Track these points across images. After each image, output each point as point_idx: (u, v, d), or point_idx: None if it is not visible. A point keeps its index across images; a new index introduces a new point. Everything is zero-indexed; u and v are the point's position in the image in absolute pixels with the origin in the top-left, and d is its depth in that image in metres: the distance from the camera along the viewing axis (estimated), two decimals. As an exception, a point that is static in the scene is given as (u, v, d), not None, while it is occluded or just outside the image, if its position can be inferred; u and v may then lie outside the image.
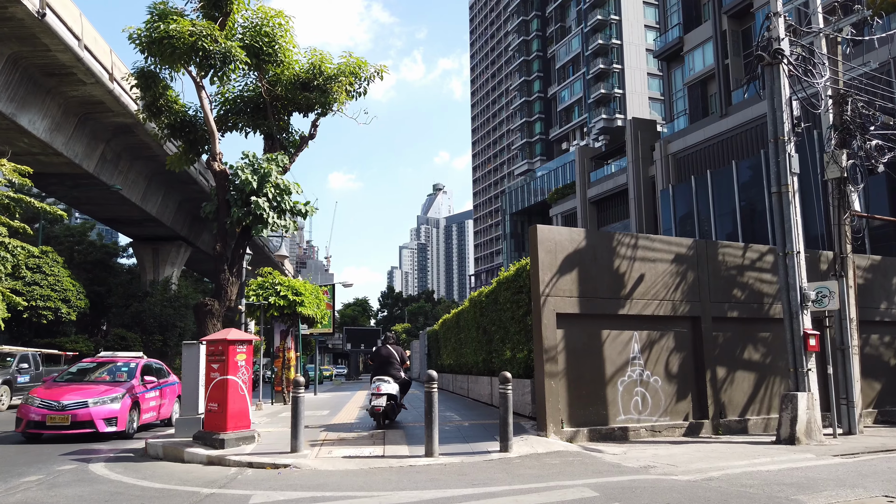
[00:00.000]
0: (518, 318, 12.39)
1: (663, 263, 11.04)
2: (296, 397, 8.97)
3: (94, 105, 28.26)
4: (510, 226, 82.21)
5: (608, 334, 10.44)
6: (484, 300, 15.76)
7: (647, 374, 10.66)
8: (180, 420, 10.37)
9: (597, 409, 10.13)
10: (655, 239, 11.10)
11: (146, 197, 37.71)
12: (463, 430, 10.89)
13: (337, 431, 10.98)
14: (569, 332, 10.10)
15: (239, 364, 9.72)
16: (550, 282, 9.97)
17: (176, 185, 38.09)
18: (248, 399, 9.78)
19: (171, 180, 38.10)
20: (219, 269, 13.09)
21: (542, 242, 10.02)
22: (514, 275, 12.39)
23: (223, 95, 15.30)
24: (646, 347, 10.73)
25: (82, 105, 28.12)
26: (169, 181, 38.40)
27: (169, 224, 41.49)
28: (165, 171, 36.81)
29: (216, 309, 12.78)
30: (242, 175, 12.88)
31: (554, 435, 9.56)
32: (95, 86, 26.46)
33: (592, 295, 10.30)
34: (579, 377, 10.07)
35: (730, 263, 11.71)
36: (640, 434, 10.28)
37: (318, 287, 21.03)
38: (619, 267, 10.63)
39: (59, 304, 28.29)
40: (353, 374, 63.62)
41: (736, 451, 9.08)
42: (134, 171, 35.44)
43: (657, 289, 10.87)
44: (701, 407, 10.99)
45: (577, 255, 10.29)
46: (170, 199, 40.34)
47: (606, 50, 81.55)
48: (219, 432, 9.44)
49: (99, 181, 32.42)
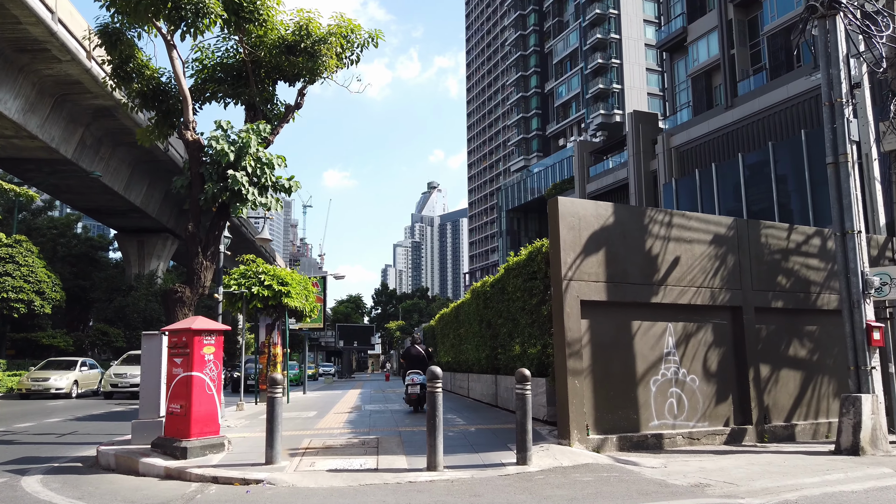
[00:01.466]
0: (530, 309, 10.92)
1: (700, 245, 9.59)
2: (272, 398, 7.47)
3: (71, 85, 26.65)
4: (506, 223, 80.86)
5: (639, 326, 8.99)
6: (489, 290, 14.28)
7: (683, 372, 9.20)
8: (138, 424, 8.85)
9: (627, 413, 8.67)
10: (692, 216, 9.65)
11: (129, 186, 36.05)
12: (469, 436, 9.41)
13: (323, 437, 9.48)
14: (594, 322, 8.64)
15: (206, 358, 8.21)
16: (574, 264, 8.50)
17: (161, 173, 36.43)
18: (217, 400, 8.27)
19: (155, 169, 36.45)
20: (191, 252, 11.56)
21: (563, 217, 8.55)
22: (527, 259, 10.91)
23: (201, 62, 13.74)
24: (681, 341, 9.28)
25: (58, 85, 26.50)
26: (154, 170, 36.73)
27: (154, 215, 39.83)
28: (150, 159, 35.34)
29: (187, 296, 11.24)
30: (217, 146, 11.34)
31: (578, 443, 8.10)
32: (72, 64, 24.86)
33: (621, 280, 8.84)
34: (607, 376, 8.61)
35: (773, 246, 10.27)
36: (677, 442, 8.83)
37: (307, 278, 19.49)
38: (652, 248, 9.17)
39: (33, 296, 26.62)
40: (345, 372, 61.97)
41: (796, 465, 7.63)
42: (116, 159, 33.80)
43: (694, 274, 9.42)
44: (743, 410, 9.55)
45: (603, 233, 8.82)
46: (155, 189, 38.67)
47: (605, 45, 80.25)
48: (181, 439, 7.93)
49: (78, 168, 30.81)
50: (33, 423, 14.10)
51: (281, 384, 7.55)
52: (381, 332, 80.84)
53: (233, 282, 16.02)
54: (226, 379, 23.75)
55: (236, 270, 16.75)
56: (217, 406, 8.27)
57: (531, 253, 10.67)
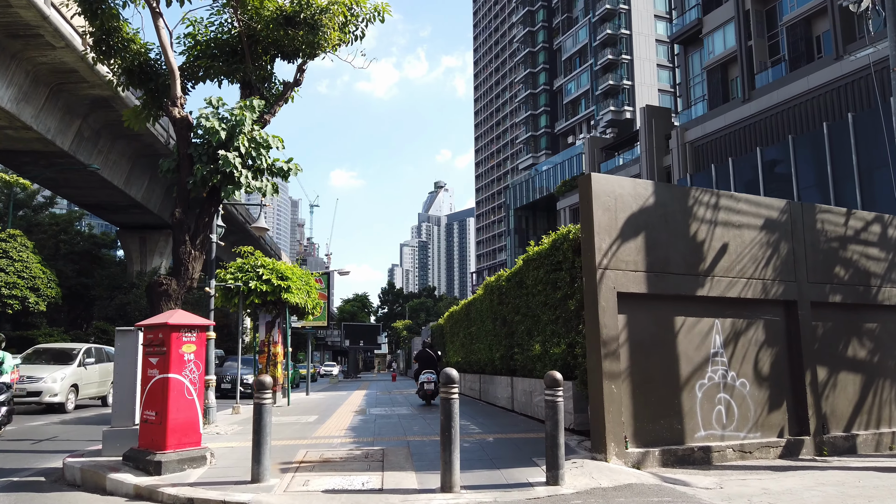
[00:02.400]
0: (553, 304, 9.80)
1: (750, 230, 8.43)
2: (259, 405, 6.37)
3: (66, 74, 25.64)
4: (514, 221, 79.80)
5: (683, 322, 7.84)
6: (504, 285, 13.15)
7: (733, 375, 8.05)
8: (110, 433, 7.77)
9: (670, 423, 7.53)
10: (741, 198, 8.49)
11: (130, 180, 35.08)
12: (487, 447, 8.29)
13: (321, 448, 8.37)
14: (633, 318, 7.50)
15: (186, 358, 7.12)
16: (609, 250, 7.37)
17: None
18: (198, 406, 7.18)
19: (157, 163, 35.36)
20: (178, 241, 10.48)
21: (597, 197, 7.42)
22: (550, 248, 9.78)
23: (193, 38, 12.68)
24: (730, 340, 8.13)
25: (53, 73, 25.50)
26: (155, 164, 35.52)
27: (156, 211, 38.85)
28: (150, 153, 34.36)
29: (174, 290, 10.17)
30: (207, 123, 10.27)
31: (616, 458, 6.96)
32: (66, 51, 23.85)
33: (663, 269, 7.70)
34: (647, 379, 7.48)
35: (830, 234, 9.10)
36: (727, 456, 7.68)
37: (309, 273, 18.40)
38: (697, 233, 8.02)
39: (27, 292, 25.66)
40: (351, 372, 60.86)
41: (877, 486, 6.48)
42: (116, 152, 32.81)
43: (744, 263, 8.27)
44: (799, 419, 8.39)
45: (642, 215, 7.68)
46: (156, 184, 37.70)
47: (615, 40, 78.95)
48: (155, 451, 6.85)
49: (76, 161, 29.82)
50: (13, 427, 13.06)
51: (270, 388, 6.44)
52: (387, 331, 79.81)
53: (229, 276, 14.95)
54: (226, 379, 22.66)
55: (233, 264, 15.69)
56: (198, 413, 7.17)
57: (555, 241, 9.54)
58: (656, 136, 44.48)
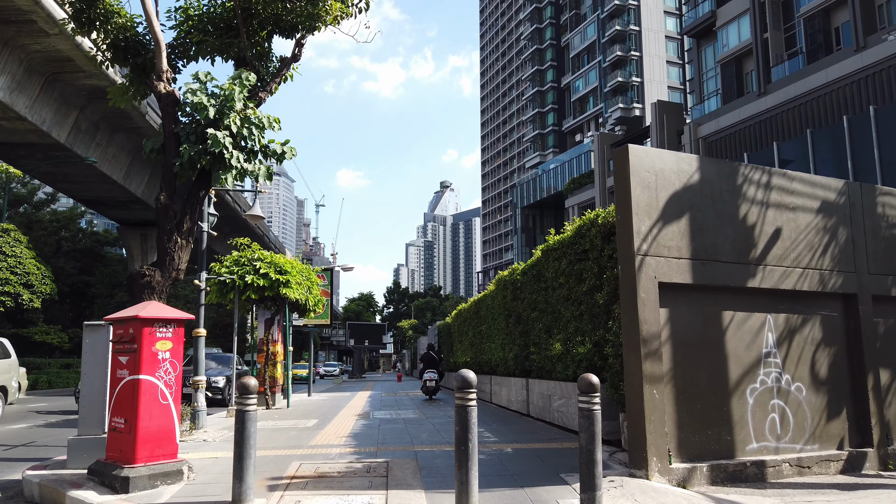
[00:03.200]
0: (577, 298, 8.81)
1: (805, 214, 7.42)
2: (242, 412, 5.39)
3: (62, 63, 24.77)
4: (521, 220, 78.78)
5: (732, 317, 6.84)
6: (519, 279, 12.16)
7: (787, 378, 7.04)
8: (76, 442, 6.82)
9: (718, 433, 6.53)
10: (794, 177, 7.47)
11: (129, 175, 34.21)
12: (506, 459, 7.30)
13: (318, 460, 7.39)
14: (675, 312, 6.51)
15: (160, 357, 6.17)
16: (649, 234, 6.37)
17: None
18: (174, 412, 6.22)
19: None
20: (163, 228, 9.53)
21: (636, 172, 6.42)
22: (574, 235, 8.77)
23: (185, 11, 11.74)
24: (783, 338, 7.12)
25: (48, 62, 24.64)
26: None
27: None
28: (151, 147, 33.51)
29: (157, 282, 9.22)
30: (194, 98, 9.31)
31: (659, 475, 5.96)
32: (61, 38, 22.97)
33: (709, 256, 6.70)
34: (692, 383, 6.48)
35: (891, 219, 8.07)
36: (783, 471, 6.67)
37: (310, 267, 17.43)
38: (747, 216, 7.02)
39: (21, 288, 24.81)
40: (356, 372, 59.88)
41: (972, 510, 5.47)
42: (115, 145, 31.94)
43: (799, 251, 7.26)
44: (860, 429, 7.37)
45: (686, 194, 6.68)
46: (157, 179, 36.76)
47: (624, 36, 77.81)
48: (122, 465, 5.89)
49: (73, 154, 28.95)
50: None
51: (255, 392, 5.46)
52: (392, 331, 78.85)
53: (224, 269, 14.00)
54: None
55: (229, 257, 14.75)
56: (174, 420, 6.21)
57: (581, 227, 8.54)
58: (668, 132, 43.47)
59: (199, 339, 10.88)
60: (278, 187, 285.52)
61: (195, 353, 10.86)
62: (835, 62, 29.58)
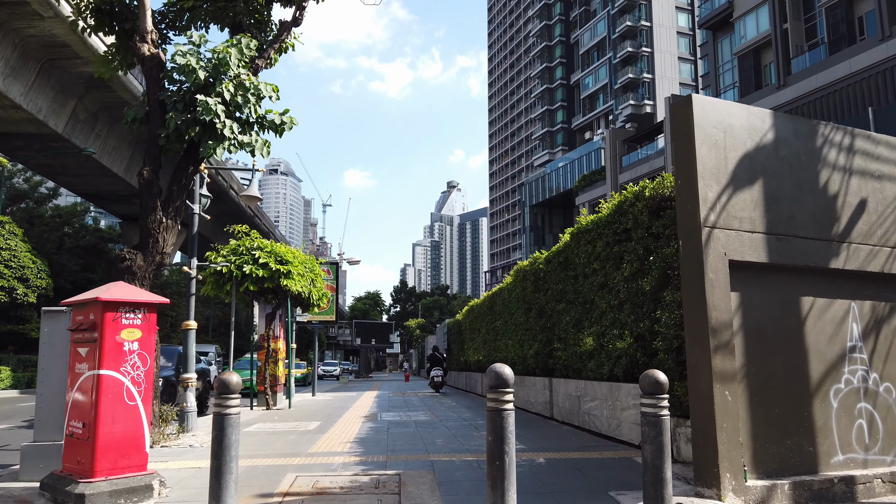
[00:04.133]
0: (615, 285, 7.70)
1: (893, 183, 6.30)
2: (221, 416, 4.31)
3: (57, 48, 23.83)
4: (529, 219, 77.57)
5: (812, 304, 5.73)
6: (542, 268, 11.05)
7: (875, 377, 5.93)
8: (30, 449, 5.76)
9: (799, 444, 5.42)
10: (880, 140, 6.36)
11: (130, 168, 33.25)
12: (540, 472, 6.20)
13: (317, 471, 6.31)
14: (748, 297, 5.40)
15: (126, 348, 5.11)
16: (717, 203, 5.27)
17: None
18: (143, 414, 5.15)
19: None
20: (146, 207, 8.51)
21: (702, 128, 5.32)
22: (614, 213, 7.66)
23: (177, -24, 10.72)
24: (869, 330, 6.00)
25: (44, 48, 23.70)
26: (156, 151, 33.91)
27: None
28: (152, 139, 32.52)
29: (139, 266, 8.19)
30: (182, 60, 8.27)
31: (733, 495, 4.86)
32: (56, 21, 21.99)
33: (787, 231, 5.59)
34: (768, 383, 5.37)
35: None
36: (874, 489, 5.55)
37: (314, 258, 16.35)
38: (829, 184, 5.90)
39: (15, 283, 23.86)
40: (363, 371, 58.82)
41: None
42: (115, 137, 31.00)
43: (887, 226, 6.14)
44: (958, 438, 6.24)
45: (759, 155, 5.57)
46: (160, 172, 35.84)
47: (634, 32, 76.55)
48: (79, 479, 4.83)
49: (71, 144, 28.02)
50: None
51: (237, 392, 4.39)
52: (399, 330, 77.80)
53: (220, 258, 12.97)
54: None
55: (227, 247, 13.72)
56: (143, 424, 5.15)
57: (621, 203, 7.43)
58: (683, 127, 42.30)
59: (189, 332, 9.85)
60: (285, 187, 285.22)
61: (185, 348, 9.83)
62: (858, 52, 28.47)
